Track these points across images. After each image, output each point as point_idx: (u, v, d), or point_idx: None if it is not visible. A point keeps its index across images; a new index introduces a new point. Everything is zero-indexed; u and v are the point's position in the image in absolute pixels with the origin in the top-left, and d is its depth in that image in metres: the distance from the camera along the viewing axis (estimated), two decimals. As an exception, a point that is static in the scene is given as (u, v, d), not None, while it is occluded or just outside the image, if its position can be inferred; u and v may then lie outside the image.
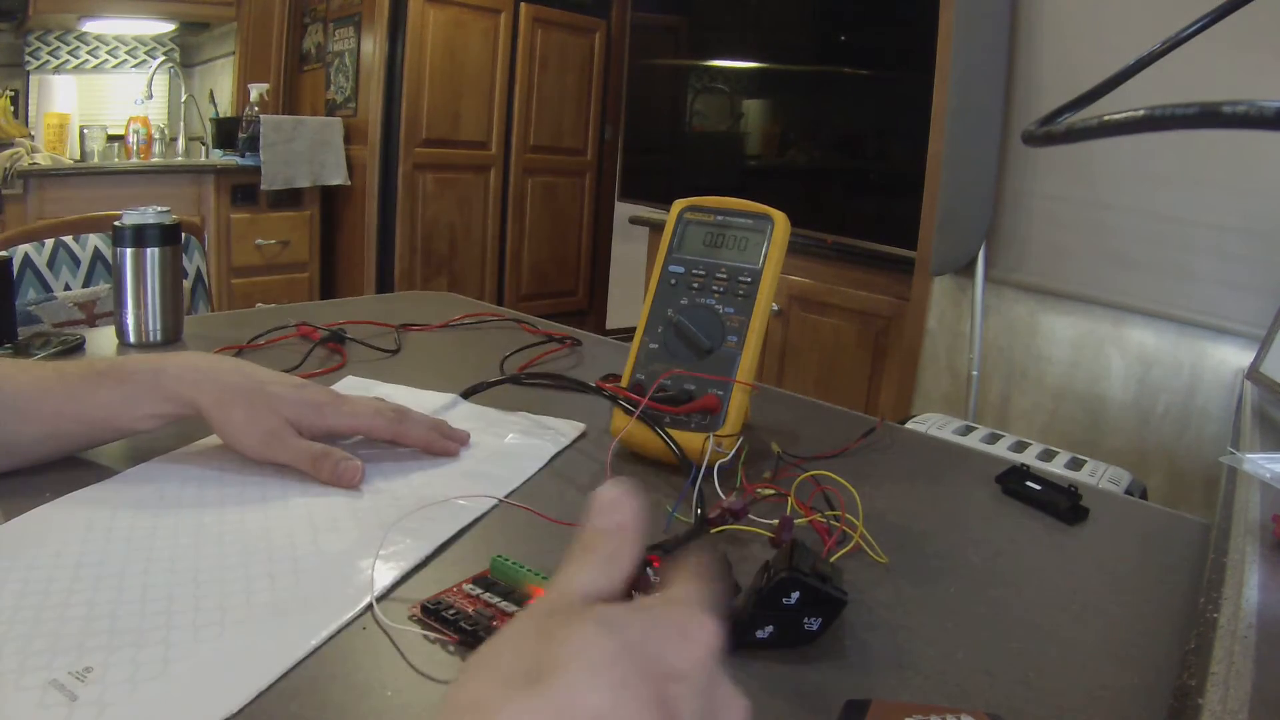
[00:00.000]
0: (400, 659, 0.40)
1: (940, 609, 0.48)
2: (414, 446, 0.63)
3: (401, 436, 0.62)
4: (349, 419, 0.61)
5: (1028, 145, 0.42)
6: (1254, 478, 0.63)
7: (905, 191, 2.03)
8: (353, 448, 0.61)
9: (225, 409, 0.57)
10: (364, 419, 0.61)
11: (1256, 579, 0.47)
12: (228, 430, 0.57)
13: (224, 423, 0.57)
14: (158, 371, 0.57)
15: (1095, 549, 0.58)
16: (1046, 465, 1.19)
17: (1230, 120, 0.26)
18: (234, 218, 3.21)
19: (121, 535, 0.49)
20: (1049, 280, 1.75)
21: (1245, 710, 0.34)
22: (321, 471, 0.56)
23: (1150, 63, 0.45)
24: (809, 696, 0.40)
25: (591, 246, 4.01)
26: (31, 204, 2.78)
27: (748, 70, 2.71)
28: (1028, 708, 0.40)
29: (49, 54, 3.21)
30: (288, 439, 0.57)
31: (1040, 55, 1.69)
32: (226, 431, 0.58)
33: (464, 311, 1.10)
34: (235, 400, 0.57)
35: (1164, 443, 1.62)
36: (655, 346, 0.66)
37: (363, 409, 0.62)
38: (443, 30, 3.29)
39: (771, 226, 0.66)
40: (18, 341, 0.83)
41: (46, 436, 0.55)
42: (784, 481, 0.61)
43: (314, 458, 0.57)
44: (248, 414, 0.57)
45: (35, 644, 0.38)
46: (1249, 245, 1.47)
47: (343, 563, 0.48)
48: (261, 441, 0.57)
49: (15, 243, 1.39)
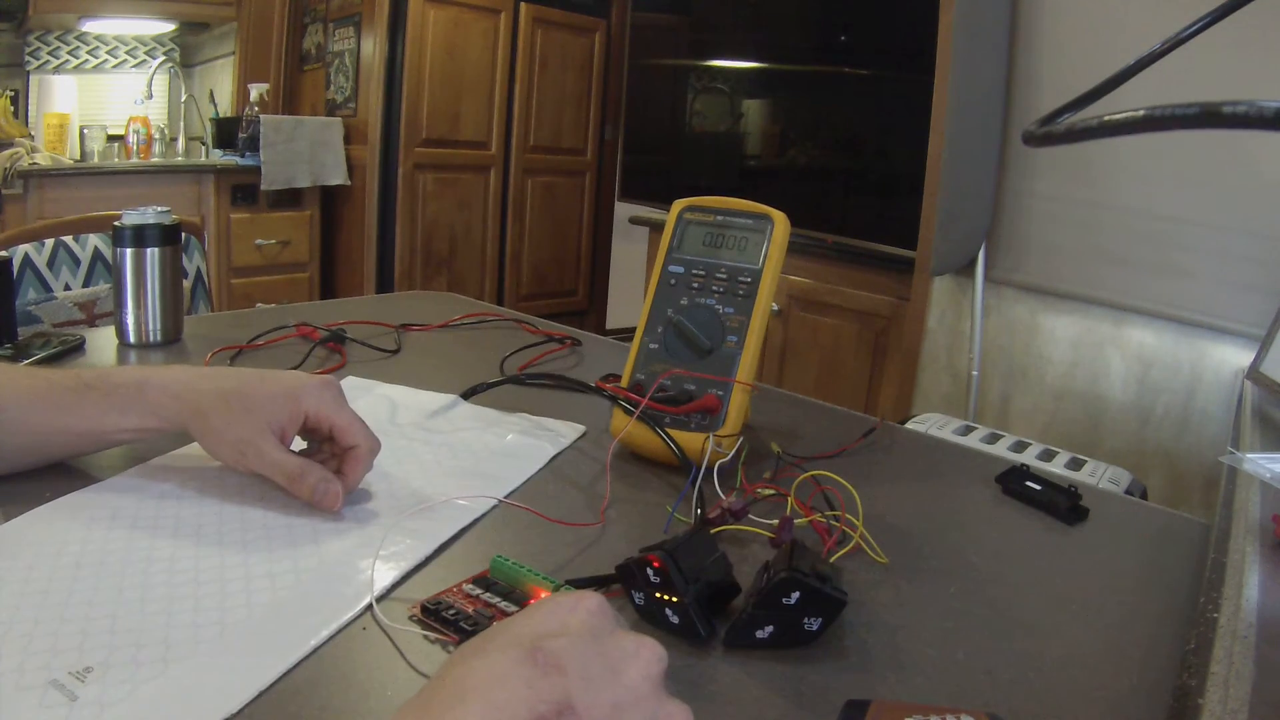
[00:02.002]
0: (400, 659, 0.40)
1: (940, 609, 0.48)
2: (349, 468, 0.56)
3: (355, 456, 0.55)
4: (329, 410, 0.56)
5: (1028, 145, 0.42)
6: (1254, 478, 0.63)
7: (905, 191, 2.03)
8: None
9: (203, 418, 0.54)
10: (344, 416, 0.56)
11: (1256, 579, 0.47)
12: (207, 440, 0.55)
13: (203, 433, 0.55)
14: (143, 385, 0.55)
15: (1095, 549, 0.58)
16: (1046, 465, 1.18)
17: (1230, 120, 0.26)
18: (234, 218, 3.21)
19: (121, 535, 0.49)
20: (1049, 280, 1.75)
21: (1245, 710, 0.34)
22: (300, 490, 0.53)
23: (1150, 63, 0.45)
24: (809, 696, 0.40)
25: (591, 246, 4.00)
26: (31, 204, 2.78)
27: (748, 70, 2.71)
28: (1028, 708, 0.40)
29: (49, 54, 3.21)
30: (264, 449, 0.54)
31: (1040, 55, 1.69)
32: (206, 442, 0.55)
33: (464, 311, 1.10)
34: (213, 406, 0.54)
35: (1164, 443, 1.62)
36: (655, 346, 0.66)
37: (347, 409, 0.56)
38: (443, 30, 3.28)
39: (771, 226, 0.66)
40: (18, 341, 0.83)
41: (31, 446, 0.55)
42: (784, 481, 0.61)
43: (290, 475, 0.54)
44: (224, 420, 0.54)
45: (35, 644, 0.38)
46: (1249, 245, 1.47)
47: (343, 563, 0.48)
48: (237, 451, 0.54)
49: (15, 243, 1.39)
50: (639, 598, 0.44)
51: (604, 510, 0.57)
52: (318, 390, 0.56)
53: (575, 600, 0.31)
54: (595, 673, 0.28)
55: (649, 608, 0.44)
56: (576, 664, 0.28)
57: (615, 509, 0.58)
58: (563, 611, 0.30)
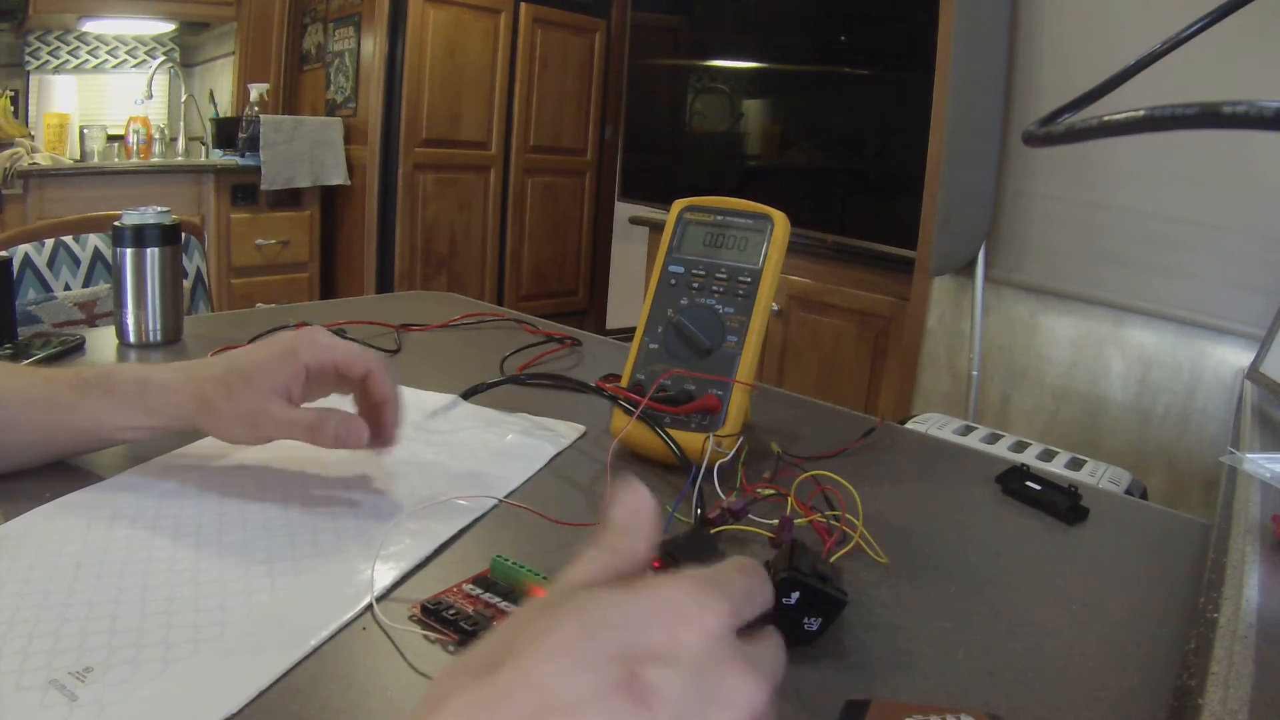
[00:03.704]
0: (400, 659, 0.40)
1: (940, 609, 0.48)
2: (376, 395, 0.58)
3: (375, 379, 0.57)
4: (326, 351, 0.56)
5: (1028, 145, 0.42)
6: (1254, 478, 0.63)
7: (905, 191, 2.03)
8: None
9: (207, 404, 0.54)
10: (340, 352, 0.56)
11: (1256, 579, 0.47)
12: (217, 427, 0.55)
13: (210, 420, 0.55)
14: (143, 382, 0.55)
15: (1095, 549, 0.58)
16: (1046, 465, 1.18)
17: (1230, 120, 0.26)
18: (234, 218, 3.21)
19: (122, 535, 0.49)
20: (1049, 280, 1.75)
21: (1245, 710, 0.34)
22: (323, 438, 0.54)
23: (1150, 63, 0.45)
24: (809, 696, 0.40)
25: (591, 246, 4.01)
26: (31, 204, 2.78)
27: (748, 70, 2.71)
28: (1028, 708, 0.40)
29: (49, 54, 3.21)
30: (276, 413, 0.54)
31: (1040, 55, 1.69)
32: (216, 428, 0.55)
33: (464, 311, 1.10)
34: (214, 390, 0.54)
35: (1164, 443, 1.62)
36: (655, 346, 0.66)
37: (340, 343, 0.57)
38: (443, 30, 3.28)
39: (771, 226, 0.66)
40: (18, 341, 0.83)
41: (32, 444, 0.55)
42: (784, 481, 0.61)
43: (310, 427, 0.54)
44: (227, 399, 0.54)
45: (35, 644, 0.38)
46: (1249, 245, 1.47)
47: (343, 562, 0.48)
48: (249, 425, 0.54)
49: (15, 243, 1.39)
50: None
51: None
52: (309, 341, 0.56)
53: (699, 609, 0.24)
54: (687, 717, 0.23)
55: (649, 608, 0.44)
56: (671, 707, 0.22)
57: (615, 509, 0.58)
58: (680, 623, 0.24)
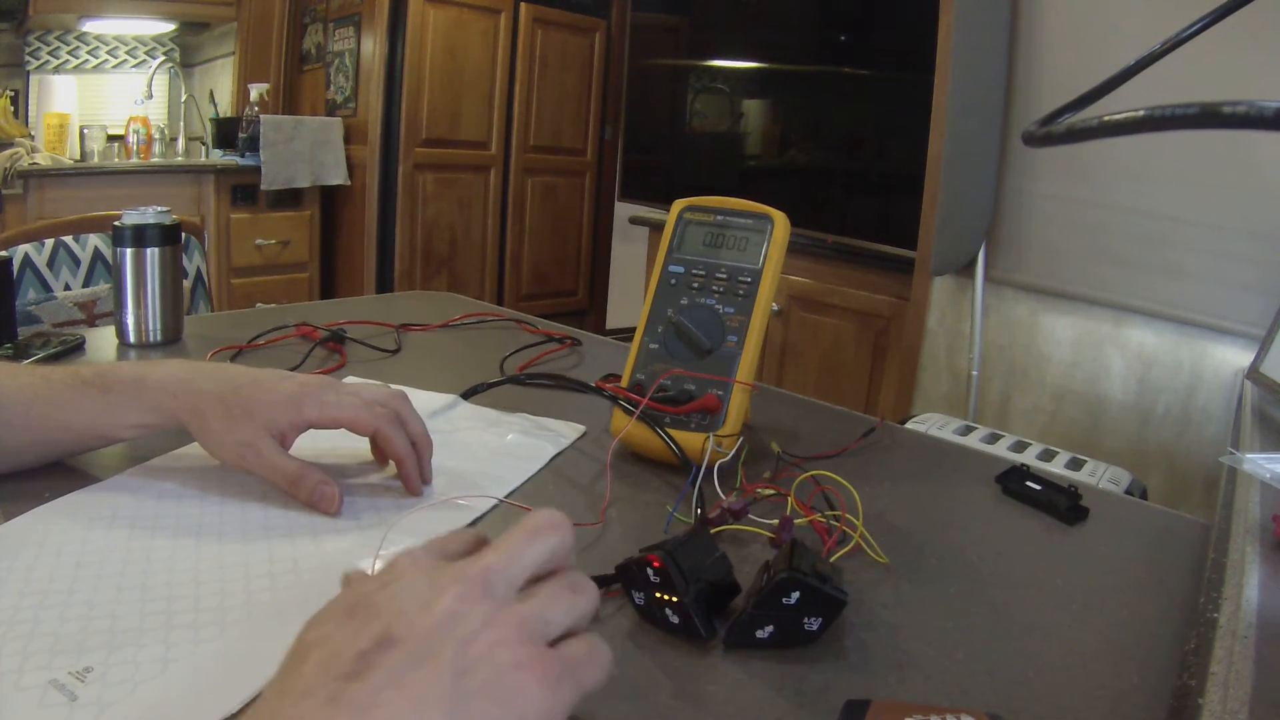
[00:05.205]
0: (400, 659, 0.40)
1: (940, 609, 0.48)
2: (389, 455, 0.58)
3: (384, 439, 0.57)
4: (332, 410, 0.56)
5: (1028, 145, 0.42)
6: (1254, 478, 0.63)
7: (905, 191, 2.03)
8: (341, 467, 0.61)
9: (202, 418, 0.55)
10: (348, 412, 0.56)
11: (1256, 579, 0.47)
12: (206, 441, 0.55)
13: (201, 433, 0.55)
14: (140, 381, 0.55)
15: (1095, 549, 0.58)
16: (1046, 465, 1.19)
17: (1230, 120, 0.26)
18: (234, 218, 3.21)
19: (121, 535, 0.49)
20: (1049, 280, 1.75)
21: (1245, 710, 0.34)
22: (299, 493, 0.54)
23: (1150, 63, 0.45)
24: (809, 696, 0.40)
25: (591, 246, 4.01)
26: (31, 204, 2.78)
27: (748, 70, 2.71)
28: (1028, 708, 0.40)
29: (49, 54, 3.21)
30: (264, 452, 0.54)
31: (1040, 55, 1.69)
32: (205, 442, 0.56)
33: (464, 311, 1.10)
34: (211, 408, 0.54)
35: (1164, 443, 1.62)
36: (655, 346, 0.66)
37: (348, 401, 0.56)
38: (443, 30, 3.28)
39: (771, 226, 0.66)
40: (18, 341, 0.83)
41: (31, 443, 0.55)
42: (784, 481, 0.61)
43: (290, 478, 0.54)
44: (224, 423, 0.54)
45: (35, 644, 0.38)
46: (1249, 245, 1.47)
47: (343, 563, 0.48)
48: (236, 454, 0.54)
49: (15, 243, 1.39)
50: (639, 598, 0.44)
51: (604, 510, 0.57)
52: (317, 399, 0.56)
53: (435, 593, 0.31)
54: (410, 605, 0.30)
55: (649, 608, 0.44)
56: (382, 674, 0.28)
57: (615, 509, 0.58)
58: (418, 608, 0.31)
